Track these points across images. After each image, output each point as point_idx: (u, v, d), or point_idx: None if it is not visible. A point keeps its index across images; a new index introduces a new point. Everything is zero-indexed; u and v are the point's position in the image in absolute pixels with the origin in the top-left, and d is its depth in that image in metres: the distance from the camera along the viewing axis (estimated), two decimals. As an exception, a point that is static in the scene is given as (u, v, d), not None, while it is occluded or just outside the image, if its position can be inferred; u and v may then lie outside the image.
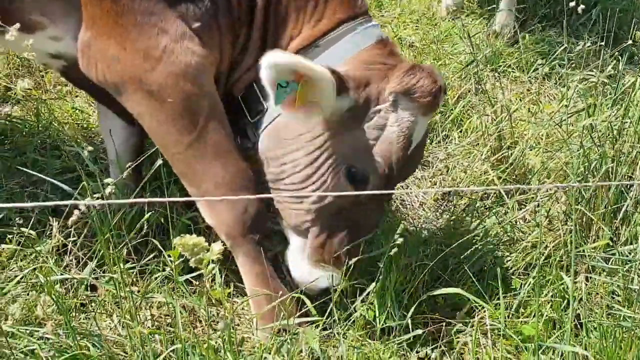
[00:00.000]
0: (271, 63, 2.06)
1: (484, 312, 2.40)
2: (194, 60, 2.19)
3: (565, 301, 2.54)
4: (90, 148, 1.89)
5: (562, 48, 3.81)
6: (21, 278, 2.21)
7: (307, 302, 2.25)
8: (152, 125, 2.28)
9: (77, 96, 3.74)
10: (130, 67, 2.18)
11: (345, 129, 2.27)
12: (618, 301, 2.47)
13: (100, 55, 2.23)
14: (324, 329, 2.33)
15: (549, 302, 2.53)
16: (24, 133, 3.34)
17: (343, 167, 2.28)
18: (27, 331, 2.09)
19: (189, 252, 1.50)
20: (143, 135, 2.68)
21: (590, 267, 2.54)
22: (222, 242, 1.72)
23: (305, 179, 2.30)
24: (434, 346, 2.43)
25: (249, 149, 2.41)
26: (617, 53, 3.81)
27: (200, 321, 2.42)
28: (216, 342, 2.12)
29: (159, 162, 2.06)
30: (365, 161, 2.28)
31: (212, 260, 1.50)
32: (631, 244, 2.65)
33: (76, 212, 1.85)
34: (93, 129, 3.45)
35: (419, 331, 2.32)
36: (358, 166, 2.29)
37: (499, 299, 2.34)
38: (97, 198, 1.84)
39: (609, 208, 2.72)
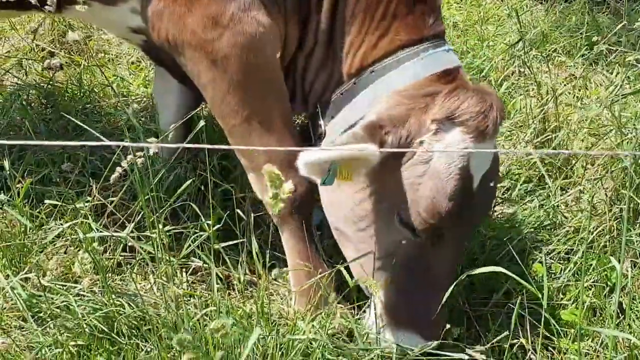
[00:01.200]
0: (306, 164, 1.91)
1: (522, 295, 2.33)
2: (260, 31, 2.14)
3: (608, 288, 2.48)
4: (135, 106, 1.87)
5: (614, 31, 3.68)
6: (60, 234, 2.22)
7: (348, 278, 2.19)
8: (213, 96, 2.26)
9: (118, 64, 3.76)
10: (199, 35, 2.16)
11: (389, 173, 2.06)
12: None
13: (171, 24, 2.21)
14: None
15: (590, 288, 2.46)
16: (66, 98, 3.37)
17: (395, 214, 2.06)
18: (64, 287, 2.10)
19: (272, 182, 1.54)
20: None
21: (637, 252, 2.45)
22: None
23: (360, 232, 2.14)
24: (468, 329, 2.39)
25: None
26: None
27: (235, 289, 2.42)
28: (250, 309, 2.11)
29: (202, 123, 2.04)
30: (417, 202, 2.01)
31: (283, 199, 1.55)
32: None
33: (118, 169, 1.85)
34: (133, 96, 3.46)
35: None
36: (405, 213, 2.03)
37: (538, 282, 2.28)
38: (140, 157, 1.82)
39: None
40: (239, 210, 2.26)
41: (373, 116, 2.08)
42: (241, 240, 2.47)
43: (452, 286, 1.98)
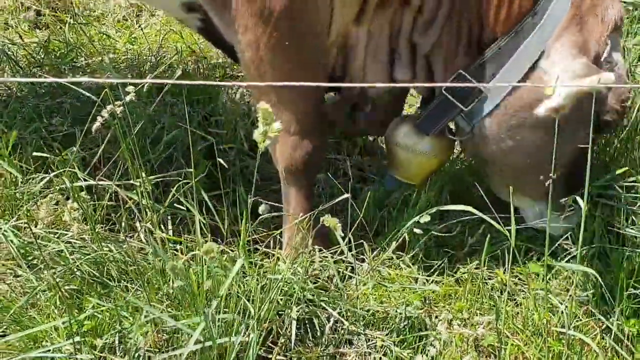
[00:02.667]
0: (569, 95, 2.05)
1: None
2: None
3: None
4: (112, 55, 1.93)
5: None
6: (49, 184, 2.30)
7: (342, 243, 2.27)
8: (253, 56, 2.24)
9: (104, 23, 3.79)
10: None
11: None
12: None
13: None
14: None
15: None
16: (53, 57, 3.41)
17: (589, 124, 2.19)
18: (55, 235, 2.19)
19: (264, 119, 1.64)
20: None
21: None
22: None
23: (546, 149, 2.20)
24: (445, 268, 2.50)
25: (460, 138, 2.42)
26: None
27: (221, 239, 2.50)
28: (235, 253, 2.21)
29: (179, 72, 2.10)
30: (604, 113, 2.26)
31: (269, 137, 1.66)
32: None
33: (99, 119, 1.92)
34: (119, 54, 3.51)
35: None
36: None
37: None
38: (119, 106, 1.89)
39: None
40: (221, 160, 2.33)
41: (568, 44, 2.18)
42: (225, 190, 2.58)
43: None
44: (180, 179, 2.28)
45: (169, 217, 2.30)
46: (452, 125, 2.51)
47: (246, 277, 2.09)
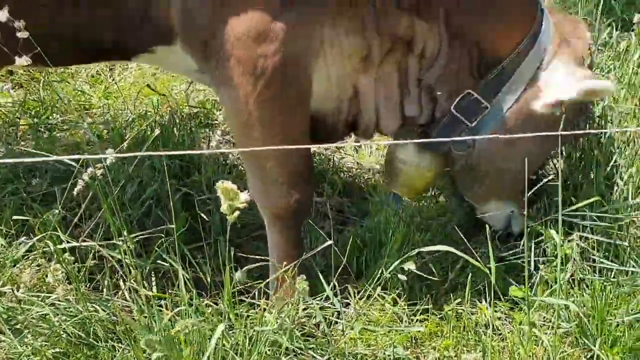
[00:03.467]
0: (588, 89, 2.34)
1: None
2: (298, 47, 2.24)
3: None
4: (89, 120, 1.96)
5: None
6: (31, 248, 2.30)
7: (327, 289, 2.32)
8: (238, 107, 2.29)
9: (79, 79, 3.82)
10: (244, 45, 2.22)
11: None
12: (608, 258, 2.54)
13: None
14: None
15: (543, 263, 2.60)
16: (29, 116, 3.43)
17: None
18: (39, 298, 2.18)
19: (226, 196, 1.69)
20: None
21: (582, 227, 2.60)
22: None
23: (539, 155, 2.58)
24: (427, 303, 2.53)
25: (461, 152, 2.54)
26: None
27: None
28: (219, 306, 2.21)
29: (157, 132, 2.14)
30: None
31: (238, 208, 1.70)
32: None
33: (80, 182, 1.94)
34: (94, 109, 3.53)
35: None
36: None
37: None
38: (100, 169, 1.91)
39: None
40: (202, 214, 2.36)
41: (574, 62, 2.46)
42: (207, 242, 2.60)
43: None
44: (162, 235, 2.29)
45: (152, 273, 2.30)
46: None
47: (233, 329, 2.10)
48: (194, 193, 2.84)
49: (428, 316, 2.51)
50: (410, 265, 2.20)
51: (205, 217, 2.47)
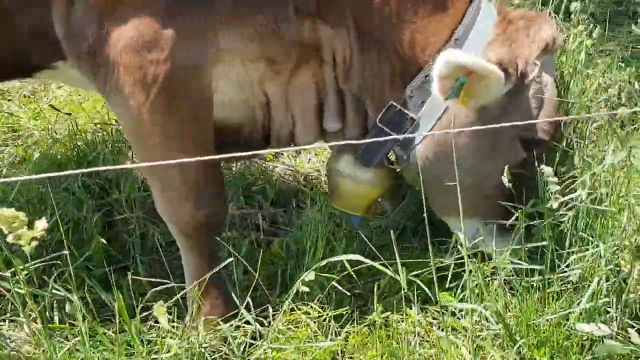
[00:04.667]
0: (452, 61, 2.07)
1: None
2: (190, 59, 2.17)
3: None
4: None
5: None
6: None
7: (246, 314, 2.25)
8: (133, 117, 2.22)
9: (9, 99, 3.73)
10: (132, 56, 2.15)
11: (511, 108, 2.26)
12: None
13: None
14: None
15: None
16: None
17: (517, 143, 2.29)
18: None
19: (7, 226, 1.49)
20: None
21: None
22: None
23: (481, 168, 2.31)
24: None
25: (399, 167, 2.44)
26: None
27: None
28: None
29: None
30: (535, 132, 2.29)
31: (35, 238, 1.49)
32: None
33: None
34: (22, 130, 3.44)
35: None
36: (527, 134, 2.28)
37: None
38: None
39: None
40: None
41: (491, 54, 2.18)
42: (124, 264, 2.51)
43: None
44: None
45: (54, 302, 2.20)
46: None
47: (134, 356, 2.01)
48: (115, 212, 2.74)
49: (354, 327, 2.42)
50: (310, 276, 2.10)
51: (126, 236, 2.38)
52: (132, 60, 2.09)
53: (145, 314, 2.14)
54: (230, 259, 2.19)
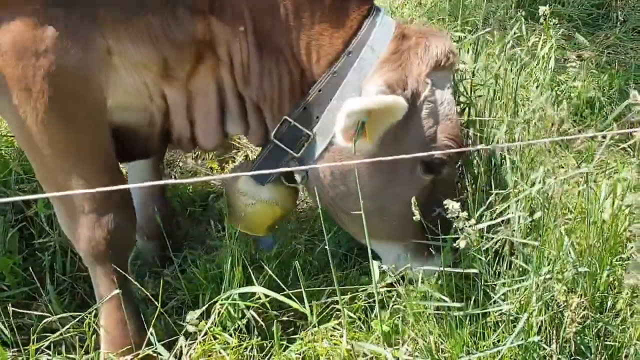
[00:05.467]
0: (354, 111, 1.99)
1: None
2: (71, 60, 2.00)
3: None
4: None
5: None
6: None
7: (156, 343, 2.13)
8: (22, 126, 2.08)
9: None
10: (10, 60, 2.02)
11: (405, 131, 2.17)
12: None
13: None
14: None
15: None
16: None
17: (417, 166, 2.19)
18: None
19: None
20: None
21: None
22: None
23: (383, 192, 2.20)
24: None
25: (298, 182, 2.31)
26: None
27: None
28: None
29: None
30: (436, 147, 2.18)
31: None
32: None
33: None
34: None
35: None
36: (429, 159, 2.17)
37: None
38: None
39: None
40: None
41: (380, 80, 2.12)
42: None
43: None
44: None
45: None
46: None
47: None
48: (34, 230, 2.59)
49: (281, 355, 2.25)
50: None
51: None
52: (13, 66, 1.95)
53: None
54: (115, 292, 2.03)
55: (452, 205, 1.84)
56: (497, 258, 2.13)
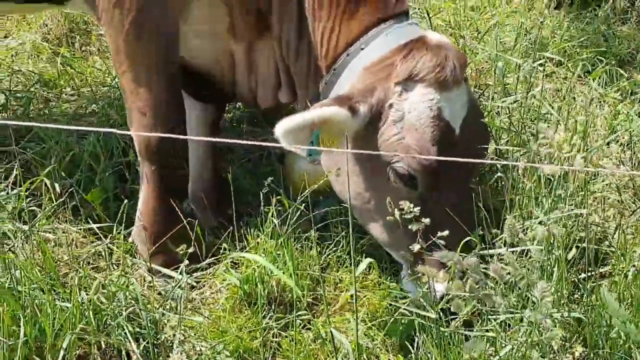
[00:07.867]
0: (284, 132, 2.12)
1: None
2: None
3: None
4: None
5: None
6: None
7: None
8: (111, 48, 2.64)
9: (99, 57, 4.10)
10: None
11: (373, 134, 2.28)
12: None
13: None
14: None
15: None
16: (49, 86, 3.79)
17: (389, 171, 2.25)
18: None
19: None
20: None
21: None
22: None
23: (362, 199, 2.35)
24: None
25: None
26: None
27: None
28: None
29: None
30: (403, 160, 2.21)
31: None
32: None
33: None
34: (108, 86, 3.76)
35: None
36: (398, 165, 2.23)
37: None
38: None
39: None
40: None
41: (343, 91, 2.31)
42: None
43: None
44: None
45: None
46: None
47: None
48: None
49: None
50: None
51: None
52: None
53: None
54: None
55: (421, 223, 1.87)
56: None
